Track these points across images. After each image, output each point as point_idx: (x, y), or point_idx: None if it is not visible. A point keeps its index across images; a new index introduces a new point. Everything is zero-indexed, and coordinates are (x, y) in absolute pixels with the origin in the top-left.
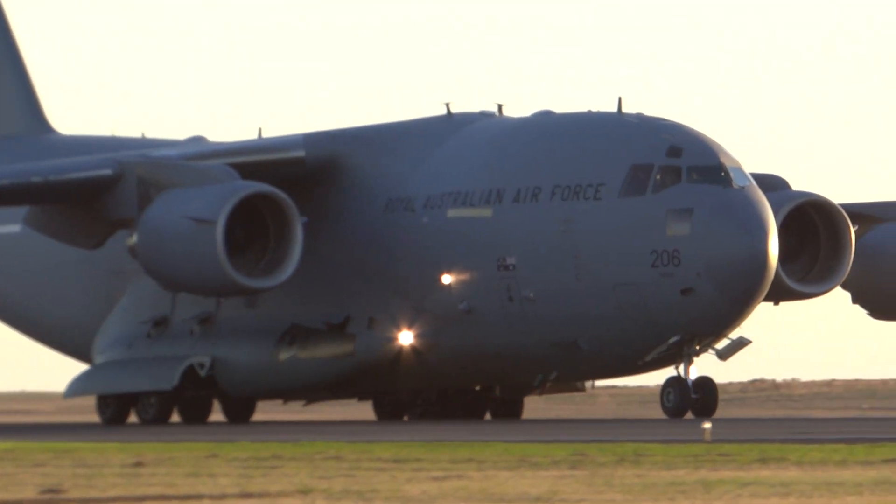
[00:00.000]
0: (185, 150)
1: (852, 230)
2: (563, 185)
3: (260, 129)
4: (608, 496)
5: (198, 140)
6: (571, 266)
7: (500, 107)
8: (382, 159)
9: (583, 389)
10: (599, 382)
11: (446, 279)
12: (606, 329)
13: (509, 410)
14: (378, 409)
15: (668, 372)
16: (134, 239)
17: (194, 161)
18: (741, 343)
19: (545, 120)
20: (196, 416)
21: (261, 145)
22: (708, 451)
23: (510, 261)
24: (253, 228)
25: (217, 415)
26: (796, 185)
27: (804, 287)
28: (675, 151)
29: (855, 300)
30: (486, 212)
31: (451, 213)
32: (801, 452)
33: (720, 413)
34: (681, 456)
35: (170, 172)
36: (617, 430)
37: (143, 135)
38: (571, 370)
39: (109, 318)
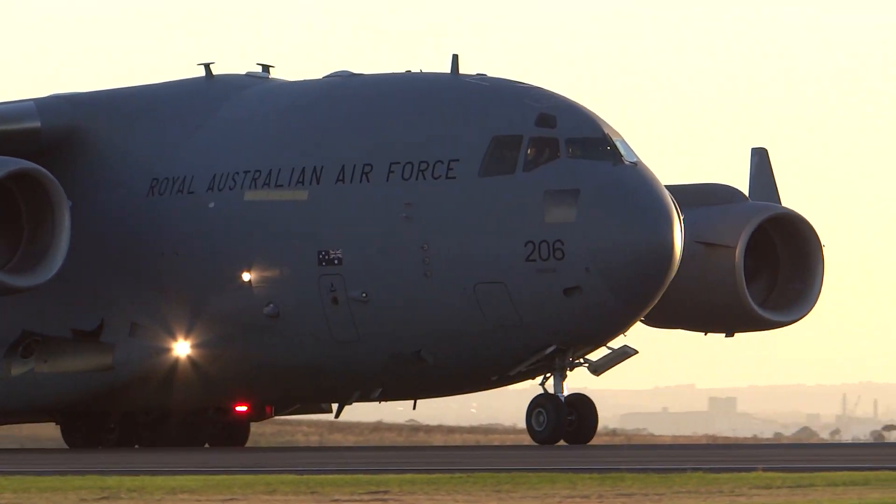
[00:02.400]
0: None
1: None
2: (402, 161)
3: None
4: None
5: None
6: (418, 260)
7: (267, 68)
8: (138, 130)
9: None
10: None
11: (245, 277)
12: (462, 338)
13: (233, 437)
14: (67, 435)
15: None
16: None
17: None
18: (624, 354)
19: (358, 83)
20: None
21: None
22: None
23: (335, 254)
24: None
25: None
26: None
27: None
28: (546, 120)
29: None
30: (300, 194)
31: (250, 195)
32: None
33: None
34: None
35: None
36: None
37: None
38: (407, 387)
39: None
